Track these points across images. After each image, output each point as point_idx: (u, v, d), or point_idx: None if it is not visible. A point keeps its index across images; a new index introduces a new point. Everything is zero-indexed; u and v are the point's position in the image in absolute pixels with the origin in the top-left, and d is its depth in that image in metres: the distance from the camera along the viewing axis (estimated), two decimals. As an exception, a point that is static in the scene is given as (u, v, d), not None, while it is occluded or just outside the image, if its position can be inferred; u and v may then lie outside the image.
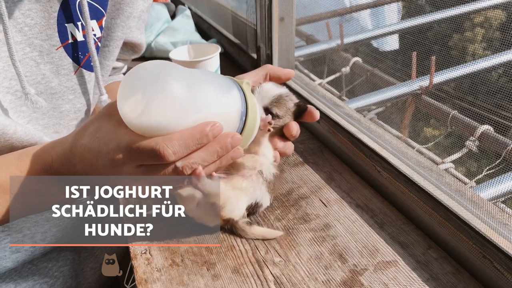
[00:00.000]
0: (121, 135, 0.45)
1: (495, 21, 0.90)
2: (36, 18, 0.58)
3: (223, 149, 0.46)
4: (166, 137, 0.43)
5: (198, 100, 0.45)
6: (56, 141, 0.52)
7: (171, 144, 0.43)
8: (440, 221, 0.54)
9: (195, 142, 0.44)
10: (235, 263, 0.54)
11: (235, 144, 0.47)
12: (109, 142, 0.45)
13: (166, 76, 0.43)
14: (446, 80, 0.92)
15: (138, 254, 0.56)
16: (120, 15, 0.68)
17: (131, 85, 0.44)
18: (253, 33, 1.03)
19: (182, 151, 0.44)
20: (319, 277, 0.52)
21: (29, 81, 0.59)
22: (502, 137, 0.81)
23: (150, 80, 0.43)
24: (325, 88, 1.13)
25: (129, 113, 0.43)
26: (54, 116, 0.64)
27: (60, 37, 0.61)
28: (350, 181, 0.69)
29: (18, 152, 0.53)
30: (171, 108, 0.43)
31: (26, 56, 0.58)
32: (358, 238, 0.57)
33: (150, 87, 0.42)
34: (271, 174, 0.59)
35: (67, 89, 0.64)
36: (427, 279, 0.51)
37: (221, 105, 0.47)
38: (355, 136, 0.70)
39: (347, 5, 1.12)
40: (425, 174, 0.60)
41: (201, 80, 0.47)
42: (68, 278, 0.75)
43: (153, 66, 0.45)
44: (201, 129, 0.44)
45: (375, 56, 1.17)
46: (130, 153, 0.44)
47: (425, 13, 0.94)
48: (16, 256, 0.67)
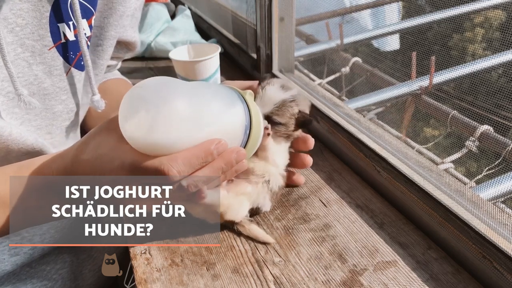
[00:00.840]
0: (124, 153, 0.44)
1: (495, 21, 0.90)
2: (28, 18, 0.57)
3: (227, 165, 0.46)
4: (171, 157, 0.43)
5: (203, 116, 0.45)
6: (55, 156, 0.52)
7: (176, 163, 0.42)
8: (440, 221, 0.54)
9: (200, 161, 0.44)
10: (235, 263, 0.54)
11: (239, 160, 0.47)
12: (113, 160, 0.45)
13: (170, 94, 0.43)
14: (446, 80, 0.93)
15: (137, 254, 0.56)
16: (113, 14, 0.68)
17: (133, 104, 0.43)
18: (253, 33, 1.03)
19: (187, 170, 0.44)
20: (319, 277, 0.52)
21: (21, 82, 0.58)
22: (502, 137, 0.81)
23: (153, 98, 0.42)
24: (325, 88, 1.13)
25: (133, 132, 0.43)
26: (47, 117, 0.64)
27: (53, 37, 0.60)
28: (350, 181, 0.69)
29: (17, 165, 0.53)
30: (176, 126, 0.43)
31: (18, 57, 0.57)
32: (358, 238, 0.57)
33: (154, 105, 0.42)
34: (277, 186, 0.60)
35: (60, 90, 0.64)
36: (427, 279, 0.51)
37: (226, 120, 0.47)
38: (355, 136, 0.70)
39: (347, 5, 1.12)
40: (425, 174, 0.60)
41: (205, 95, 0.46)
42: (66, 280, 0.75)
43: (154, 83, 0.44)
44: (206, 148, 0.44)
45: (375, 56, 1.17)
46: (134, 173, 0.43)
47: (425, 13, 0.94)
48: (15, 259, 0.67)
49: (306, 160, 0.63)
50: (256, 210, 0.60)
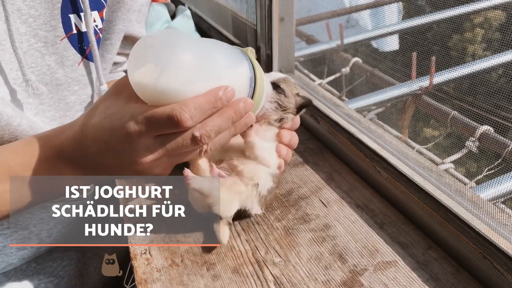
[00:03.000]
0: (134, 108, 0.44)
1: (495, 21, 0.90)
2: (40, 9, 0.58)
3: (237, 114, 0.46)
4: (182, 103, 0.43)
5: (210, 66, 0.45)
6: (64, 126, 0.52)
7: (187, 108, 0.42)
8: (440, 221, 0.54)
9: (210, 106, 0.44)
10: (235, 263, 0.54)
11: (247, 109, 0.47)
12: (123, 116, 0.44)
13: (179, 44, 0.44)
14: (446, 80, 0.93)
15: (138, 254, 0.56)
16: (121, 8, 0.69)
17: (141, 54, 0.44)
18: (253, 33, 1.03)
19: (199, 115, 0.43)
20: (319, 277, 0.52)
21: (34, 72, 0.60)
22: (502, 138, 0.81)
23: (162, 48, 0.43)
24: (325, 88, 1.13)
25: (142, 81, 0.43)
26: (60, 108, 0.65)
27: (64, 28, 0.62)
28: (350, 181, 0.69)
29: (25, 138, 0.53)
30: (184, 74, 0.43)
31: (31, 47, 0.59)
32: (358, 238, 0.57)
33: (163, 54, 0.43)
34: (266, 189, 0.58)
35: (72, 80, 0.65)
36: (427, 279, 0.51)
37: (232, 71, 0.48)
38: (355, 136, 0.70)
39: (347, 5, 1.12)
40: (425, 175, 0.60)
41: (212, 47, 0.47)
42: (73, 277, 0.76)
43: (164, 34, 0.45)
44: (214, 93, 0.44)
45: (375, 56, 1.17)
46: (146, 123, 0.43)
47: (425, 14, 0.94)
48: (22, 253, 0.67)
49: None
50: (244, 212, 0.59)
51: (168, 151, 0.45)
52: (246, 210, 0.59)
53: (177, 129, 0.43)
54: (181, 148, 0.45)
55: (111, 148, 0.46)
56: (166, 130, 0.44)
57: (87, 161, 0.49)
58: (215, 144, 0.48)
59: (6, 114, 0.55)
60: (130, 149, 0.45)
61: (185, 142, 0.45)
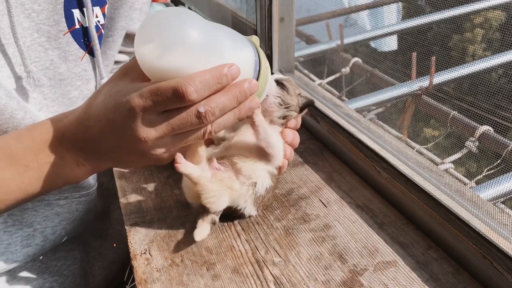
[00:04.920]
0: (139, 85, 0.44)
1: (495, 22, 0.90)
2: (43, 4, 0.59)
3: (241, 93, 0.46)
4: (187, 76, 0.43)
5: (216, 45, 0.46)
6: (67, 112, 0.52)
7: (193, 82, 0.42)
8: (440, 221, 0.54)
9: (215, 81, 0.44)
10: (235, 263, 0.54)
11: (252, 90, 0.47)
12: (128, 93, 0.44)
13: (186, 21, 0.44)
14: (446, 80, 0.92)
15: (137, 254, 0.56)
16: (123, 5, 0.70)
17: (149, 30, 0.44)
18: (253, 33, 1.03)
19: (204, 89, 0.43)
20: (319, 277, 0.52)
21: (38, 66, 0.60)
22: (502, 138, 0.81)
23: (170, 24, 0.43)
24: (325, 88, 1.13)
25: (149, 55, 0.43)
26: (63, 103, 0.65)
27: (67, 23, 0.62)
28: (350, 181, 0.69)
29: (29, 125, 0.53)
30: (190, 50, 0.43)
31: (35, 42, 0.59)
32: (358, 238, 0.57)
33: (169, 30, 0.43)
34: (263, 189, 0.58)
35: (75, 75, 0.65)
36: (427, 279, 0.51)
37: (237, 51, 0.48)
38: (355, 137, 0.70)
39: (347, 5, 1.12)
40: (425, 175, 0.60)
41: (218, 28, 0.48)
42: (77, 276, 0.76)
43: (170, 12, 0.45)
44: (219, 69, 0.44)
45: (375, 56, 1.17)
46: (150, 96, 0.43)
47: (425, 14, 0.94)
48: (26, 250, 0.67)
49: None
50: (236, 211, 0.58)
51: (172, 127, 0.45)
52: (238, 209, 0.58)
53: (182, 103, 0.43)
54: (185, 125, 0.45)
55: (114, 126, 0.46)
56: (170, 104, 0.44)
57: (89, 144, 0.49)
58: (220, 125, 0.47)
59: (10, 107, 0.55)
60: (134, 125, 0.44)
61: (190, 118, 0.44)
